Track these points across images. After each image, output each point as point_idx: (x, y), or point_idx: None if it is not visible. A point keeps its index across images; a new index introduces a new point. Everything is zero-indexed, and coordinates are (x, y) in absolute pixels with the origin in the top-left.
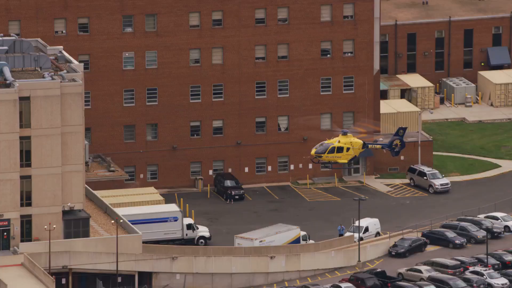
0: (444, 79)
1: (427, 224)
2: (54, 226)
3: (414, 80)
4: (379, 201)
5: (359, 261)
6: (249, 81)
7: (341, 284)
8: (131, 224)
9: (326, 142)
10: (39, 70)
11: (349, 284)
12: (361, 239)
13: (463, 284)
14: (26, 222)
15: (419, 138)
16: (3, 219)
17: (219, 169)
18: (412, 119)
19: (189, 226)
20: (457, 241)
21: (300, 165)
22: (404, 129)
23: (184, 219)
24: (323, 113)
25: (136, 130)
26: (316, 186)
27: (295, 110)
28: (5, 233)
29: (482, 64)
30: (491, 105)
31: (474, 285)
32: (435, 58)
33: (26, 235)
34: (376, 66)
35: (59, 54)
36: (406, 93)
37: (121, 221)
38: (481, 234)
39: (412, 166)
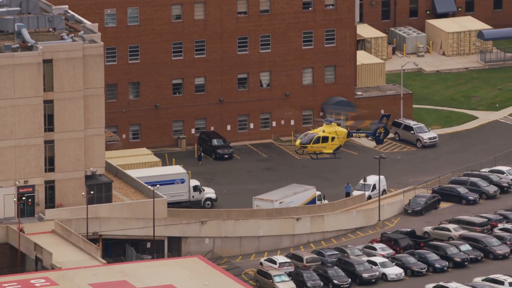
0: (392, 29)
1: (429, 180)
2: (92, 192)
3: (364, 30)
4: (369, 157)
5: (379, 220)
6: (231, 37)
7: (375, 245)
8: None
9: (310, 132)
10: (52, 31)
11: (383, 245)
12: (369, 197)
13: (497, 242)
14: (49, 188)
15: (401, 91)
16: (27, 185)
17: (201, 128)
18: (376, 71)
19: (196, 188)
20: (470, 197)
21: (282, 122)
22: (388, 116)
23: (190, 180)
24: (305, 67)
25: (118, 89)
26: None
27: (277, 66)
28: (29, 200)
29: (428, 12)
30: (443, 54)
31: (508, 242)
32: (381, 7)
33: (49, 201)
34: (357, 18)
35: (68, 14)
36: (359, 44)
37: (157, 187)
38: (492, 189)
39: (396, 120)
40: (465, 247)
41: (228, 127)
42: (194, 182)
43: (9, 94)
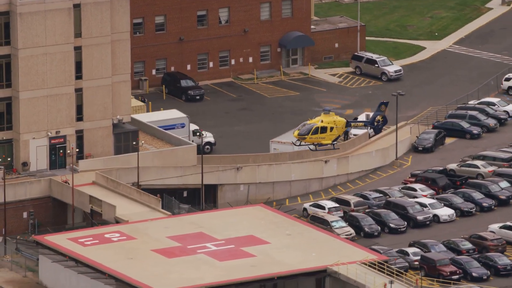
0: None
1: (414, 114)
2: (143, 142)
3: None
4: (339, 94)
5: (396, 159)
6: None
7: (414, 186)
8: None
9: (308, 122)
10: None
11: (421, 185)
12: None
13: None
14: (78, 138)
15: (358, 24)
16: (59, 136)
17: (162, 69)
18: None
19: (195, 133)
20: (474, 131)
21: (241, 59)
22: (386, 103)
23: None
24: (263, 2)
25: None
26: (262, 81)
27: (235, 1)
28: (61, 151)
29: None
30: None
31: None
32: None
33: (78, 151)
34: None
35: None
36: None
37: (205, 134)
38: (492, 122)
39: (356, 53)
40: (504, 183)
41: (188, 67)
42: (194, 126)
43: (40, 42)
